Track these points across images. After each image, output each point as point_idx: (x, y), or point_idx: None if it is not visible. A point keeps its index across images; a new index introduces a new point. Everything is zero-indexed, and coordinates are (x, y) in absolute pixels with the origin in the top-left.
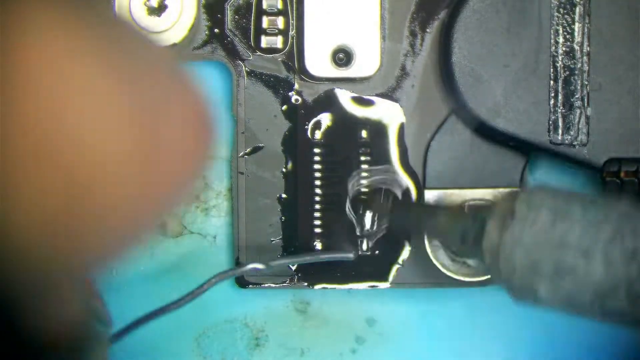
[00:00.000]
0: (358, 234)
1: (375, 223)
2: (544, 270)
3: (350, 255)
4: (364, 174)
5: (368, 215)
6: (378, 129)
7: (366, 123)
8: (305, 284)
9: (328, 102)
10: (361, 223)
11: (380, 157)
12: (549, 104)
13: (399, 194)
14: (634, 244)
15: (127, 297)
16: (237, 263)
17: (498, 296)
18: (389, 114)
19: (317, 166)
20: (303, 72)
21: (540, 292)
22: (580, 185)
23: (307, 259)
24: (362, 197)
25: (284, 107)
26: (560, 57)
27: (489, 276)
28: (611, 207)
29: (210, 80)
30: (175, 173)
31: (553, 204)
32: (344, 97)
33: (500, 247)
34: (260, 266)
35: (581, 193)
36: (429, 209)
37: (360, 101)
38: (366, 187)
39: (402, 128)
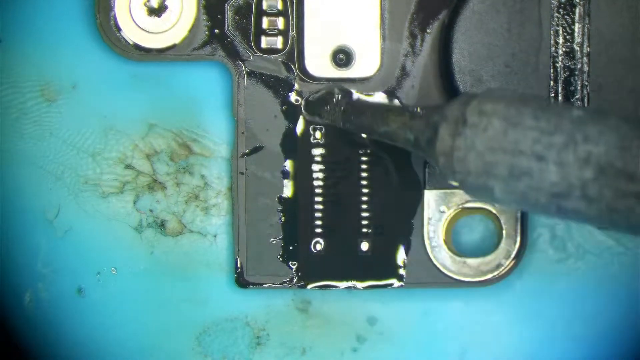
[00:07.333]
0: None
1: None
2: (498, 173)
3: None
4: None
5: (322, 116)
6: None
7: None
8: (304, 283)
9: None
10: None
11: (380, 157)
12: None
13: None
14: (587, 150)
15: (127, 296)
16: (237, 264)
17: (498, 296)
18: None
19: (317, 166)
20: (303, 72)
21: (496, 192)
22: None
23: None
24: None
25: (284, 108)
26: (560, 58)
27: (488, 276)
28: (563, 114)
29: (210, 80)
30: None
31: (504, 112)
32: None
33: (454, 150)
34: None
35: (533, 98)
36: (382, 111)
37: None
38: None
39: None
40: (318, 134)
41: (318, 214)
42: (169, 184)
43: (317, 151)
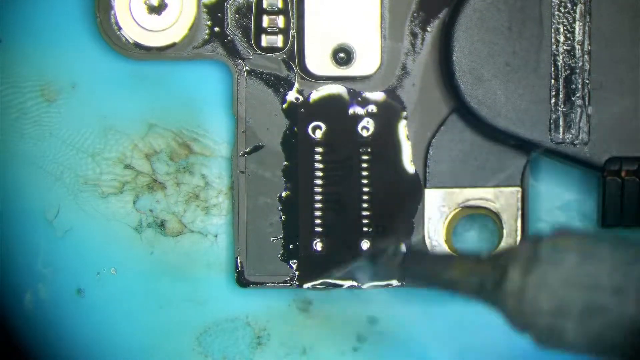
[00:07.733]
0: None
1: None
2: (571, 311)
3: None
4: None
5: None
6: (379, 128)
7: (367, 122)
8: (305, 283)
9: (329, 101)
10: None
11: (380, 156)
12: (550, 103)
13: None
14: None
15: (127, 297)
16: (237, 263)
17: None
18: (390, 113)
19: (317, 165)
20: (303, 71)
21: (568, 333)
22: (579, 184)
23: None
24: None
25: (285, 106)
26: (561, 56)
27: None
28: None
29: (210, 79)
30: None
31: (579, 245)
32: (345, 96)
33: (524, 290)
34: None
35: (608, 233)
36: (444, 258)
37: (361, 100)
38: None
39: (402, 127)
40: (318, 133)
41: (318, 213)
42: (169, 184)
43: (318, 150)
